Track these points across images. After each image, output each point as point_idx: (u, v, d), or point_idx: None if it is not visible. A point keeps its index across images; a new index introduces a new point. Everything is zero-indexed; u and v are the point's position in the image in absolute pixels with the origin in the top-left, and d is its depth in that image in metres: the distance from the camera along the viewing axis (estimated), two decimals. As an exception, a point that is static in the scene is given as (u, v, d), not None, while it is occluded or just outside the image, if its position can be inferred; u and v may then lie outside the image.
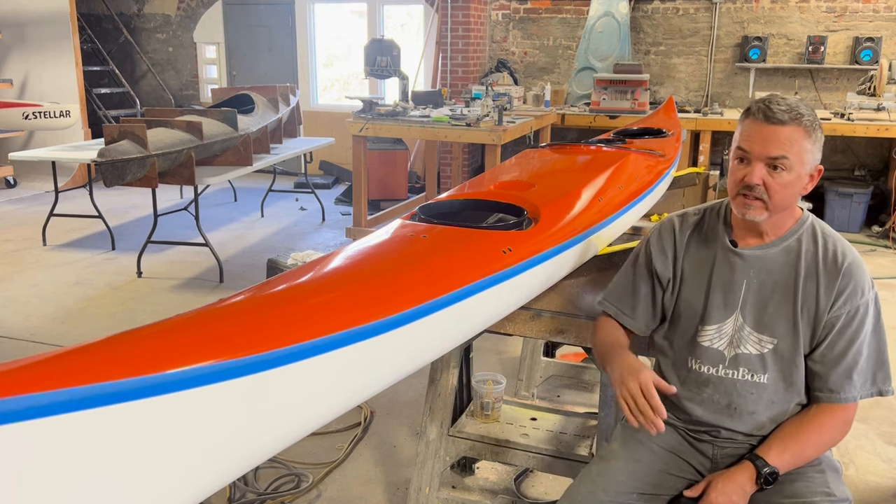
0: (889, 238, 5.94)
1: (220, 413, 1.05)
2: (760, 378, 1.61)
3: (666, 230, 1.76)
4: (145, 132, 4.28)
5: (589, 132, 6.06)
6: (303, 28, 8.44)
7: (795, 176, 1.54)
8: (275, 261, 3.05)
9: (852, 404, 1.59)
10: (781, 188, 1.53)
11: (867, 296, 1.57)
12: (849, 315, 1.56)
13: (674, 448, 1.70)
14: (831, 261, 1.58)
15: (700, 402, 1.66)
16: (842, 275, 1.56)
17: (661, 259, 1.73)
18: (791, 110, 1.52)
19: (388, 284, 1.47)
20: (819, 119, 1.57)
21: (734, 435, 1.64)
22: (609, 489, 1.62)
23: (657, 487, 1.64)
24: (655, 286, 1.74)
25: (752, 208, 1.56)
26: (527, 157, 2.87)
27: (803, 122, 1.52)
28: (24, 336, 3.92)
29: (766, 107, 1.53)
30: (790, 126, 1.51)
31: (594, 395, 3.17)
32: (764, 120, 1.53)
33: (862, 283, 1.57)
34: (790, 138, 1.51)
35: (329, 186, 8.00)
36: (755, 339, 1.61)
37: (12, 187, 7.75)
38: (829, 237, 1.61)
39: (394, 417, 3.10)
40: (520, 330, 2.06)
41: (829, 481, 1.56)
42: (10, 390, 0.83)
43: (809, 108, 1.55)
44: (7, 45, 7.95)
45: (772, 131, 1.52)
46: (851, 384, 1.56)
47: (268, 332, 1.15)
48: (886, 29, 6.58)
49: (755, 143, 1.54)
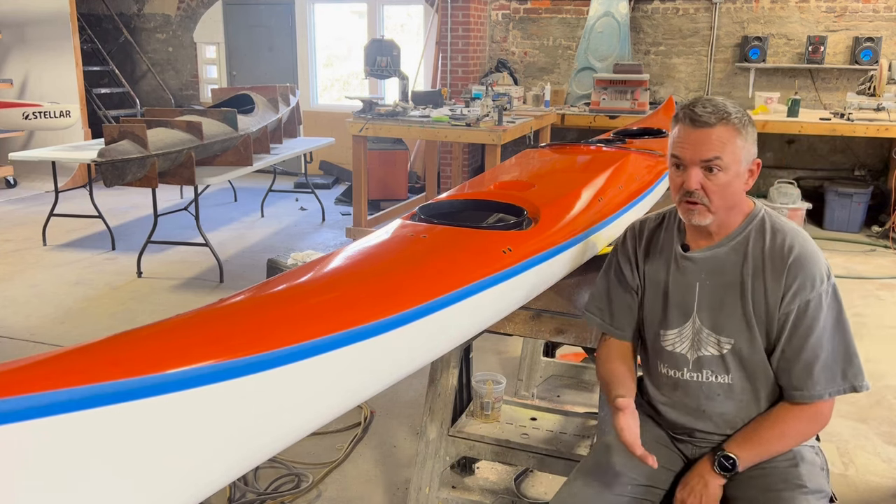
0: (889, 238, 5.94)
1: (221, 413, 1.05)
2: (724, 379, 1.61)
3: (629, 237, 1.78)
4: (145, 132, 4.28)
5: (589, 132, 6.06)
6: (303, 28, 8.44)
7: (733, 174, 1.53)
8: (275, 261, 3.06)
9: (819, 402, 1.55)
10: (720, 189, 1.53)
11: (819, 288, 1.52)
12: (800, 309, 1.53)
13: (663, 443, 1.72)
14: (778, 255, 1.55)
15: (672, 405, 1.69)
16: (788, 268, 1.53)
17: (627, 266, 1.76)
18: (717, 111, 1.51)
19: (388, 284, 1.47)
20: (748, 114, 1.57)
21: (709, 436, 1.66)
22: (606, 483, 1.63)
23: (651, 480, 1.66)
24: (630, 292, 1.75)
25: (696, 213, 1.56)
26: (527, 157, 2.86)
27: (731, 120, 1.52)
28: (24, 336, 3.92)
29: (691, 111, 1.53)
30: (718, 127, 1.51)
31: (594, 395, 3.17)
32: (691, 124, 1.53)
33: (812, 275, 1.52)
34: (720, 138, 1.51)
35: (329, 186, 8.00)
36: (714, 341, 1.61)
37: (12, 187, 7.75)
38: (778, 230, 1.59)
39: (394, 417, 3.10)
40: (520, 330, 2.06)
41: (802, 474, 1.55)
42: (10, 390, 0.83)
43: (737, 106, 1.55)
44: (7, 45, 7.95)
45: (701, 134, 1.52)
46: (813, 381, 1.53)
47: (268, 332, 1.15)
48: (886, 29, 6.58)
49: (686, 148, 1.54)
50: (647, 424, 1.75)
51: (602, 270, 1.83)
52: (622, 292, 1.75)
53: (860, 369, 1.56)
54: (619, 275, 1.77)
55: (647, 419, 1.75)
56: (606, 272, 1.81)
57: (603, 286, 1.80)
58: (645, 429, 1.68)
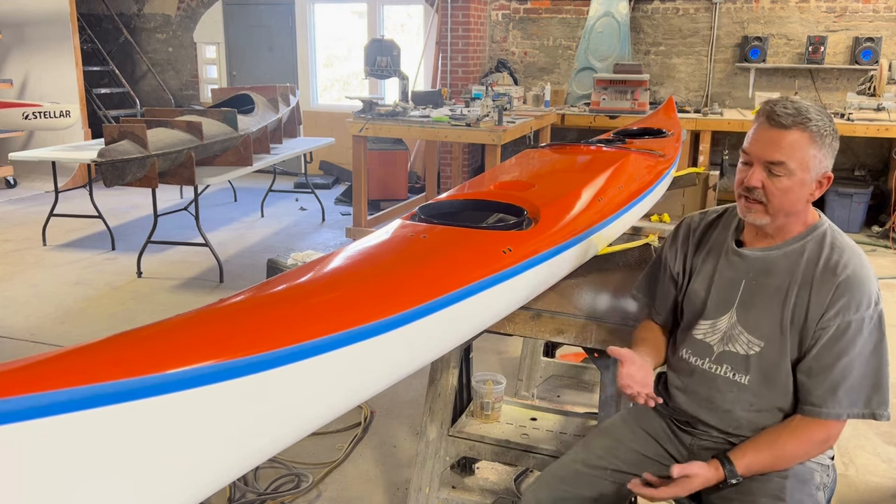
0: (889, 238, 5.94)
1: (221, 413, 1.05)
2: (742, 378, 1.61)
3: (683, 227, 1.82)
4: (145, 132, 4.28)
5: (589, 132, 6.06)
6: (303, 28, 8.44)
7: (797, 182, 1.49)
8: (275, 261, 3.05)
9: (835, 421, 1.53)
10: (780, 193, 1.50)
11: (864, 312, 1.49)
12: (839, 328, 1.50)
13: (656, 434, 1.74)
14: (830, 271, 1.52)
15: (683, 389, 1.70)
16: (836, 286, 1.50)
17: (672, 254, 1.79)
18: (797, 114, 1.47)
19: (388, 284, 1.46)
20: (833, 125, 1.51)
21: (710, 430, 1.66)
22: (587, 462, 1.70)
23: (633, 467, 1.68)
24: (672, 282, 1.79)
25: (753, 211, 1.55)
26: (527, 158, 2.86)
27: (809, 126, 1.47)
28: (24, 336, 3.92)
29: (771, 109, 1.49)
30: (793, 131, 1.47)
31: (594, 395, 3.17)
32: (767, 122, 1.50)
33: (860, 298, 1.50)
34: (792, 144, 1.47)
35: (329, 186, 8.00)
36: (745, 340, 1.61)
37: (12, 187, 7.75)
38: (837, 247, 1.55)
39: (394, 417, 3.10)
40: (520, 330, 2.06)
41: (786, 487, 1.53)
42: (10, 390, 0.83)
43: (822, 113, 1.50)
44: (7, 45, 7.95)
45: (774, 135, 1.49)
46: (836, 400, 1.50)
47: (268, 332, 1.15)
48: (886, 29, 6.58)
49: (756, 145, 1.52)
50: (649, 415, 1.78)
51: (655, 255, 1.89)
52: (665, 281, 1.81)
53: (886, 399, 1.52)
54: (665, 264, 1.82)
55: (650, 411, 1.76)
56: (658, 258, 1.86)
57: (650, 271, 1.88)
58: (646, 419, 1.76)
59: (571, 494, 1.67)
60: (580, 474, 1.68)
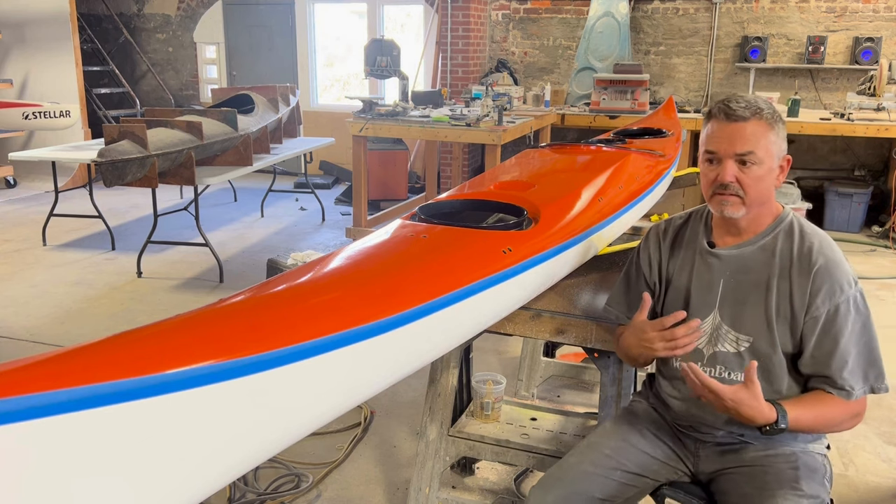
0: (889, 238, 5.94)
1: (220, 413, 1.05)
2: (737, 376, 1.62)
3: (652, 236, 1.83)
4: (145, 132, 4.28)
5: (589, 132, 6.06)
6: (303, 28, 8.44)
7: (766, 169, 1.57)
8: (275, 261, 3.05)
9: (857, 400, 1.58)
10: (755, 182, 1.57)
11: (847, 293, 1.56)
12: (829, 313, 1.55)
13: (663, 436, 1.74)
14: (805, 260, 1.57)
15: (681, 398, 1.71)
16: (814, 274, 1.56)
17: (647, 265, 1.80)
18: (750, 106, 1.56)
19: (388, 284, 1.46)
20: (777, 111, 1.61)
21: (714, 430, 1.67)
22: (595, 462, 1.68)
23: (641, 469, 1.69)
24: (647, 289, 1.78)
25: (729, 204, 1.59)
26: (527, 157, 2.86)
27: (764, 115, 1.57)
28: (24, 336, 3.92)
29: (726, 106, 1.58)
30: (752, 121, 1.56)
31: (594, 395, 3.17)
32: (726, 119, 1.58)
33: (840, 280, 1.56)
34: (755, 133, 1.56)
35: (329, 186, 8.00)
36: (732, 338, 1.63)
37: (12, 187, 7.75)
38: (806, 235, 1.61)
39: (394, 417, 3.10)
40: (520, 330, 2.06)
41: (800, 477, 1.56)
42: (10, 390, 0.83)
43: (767, 102, 1.60)
44: (7, 45, 7.95)
45: (736, 129, 1.56)
46: (855, 379, 1.56)
47: (268, 332, 1.15)
48: (886, 29, 6.58)
49: (721, 142, 1.58)
50: (650, 418, 1.78)
51: (625, 269, 1.88)
52: (640, 288, 1.80)
53: (882, 372, 1.58)
54: (638, 271, 1.81)
55: (652, 413, 1.78)
56: (628, 269, 1.86)
57: (624, 283, 1.86)
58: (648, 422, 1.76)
59: (580, 494, 1.66)
60: (589, 474, 1.67)
